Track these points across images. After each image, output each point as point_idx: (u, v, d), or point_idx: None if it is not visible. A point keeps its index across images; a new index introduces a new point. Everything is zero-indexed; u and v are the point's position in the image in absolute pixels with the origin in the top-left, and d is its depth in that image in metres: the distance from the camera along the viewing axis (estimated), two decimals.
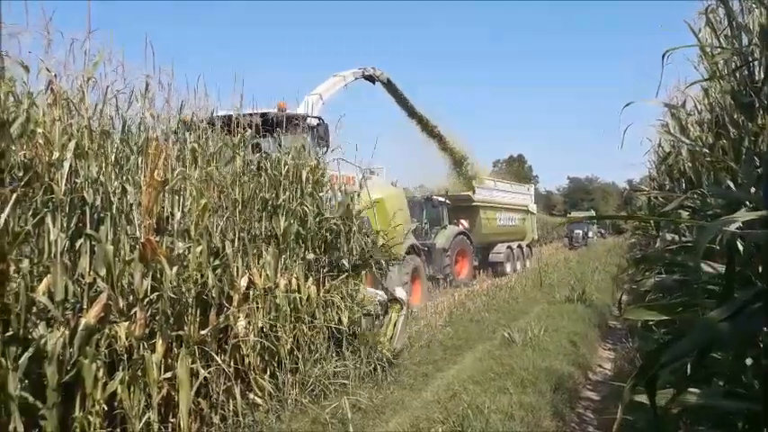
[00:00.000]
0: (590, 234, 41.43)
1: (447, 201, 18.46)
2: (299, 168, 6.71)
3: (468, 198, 19.54)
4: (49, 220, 3.59)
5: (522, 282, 15.65)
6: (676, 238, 4.29)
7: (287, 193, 6.38)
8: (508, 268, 21.03)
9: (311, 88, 11.78)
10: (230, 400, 4.91)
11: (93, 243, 3.85)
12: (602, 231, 50.15)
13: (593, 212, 52.99)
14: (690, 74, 4.57)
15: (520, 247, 22.87)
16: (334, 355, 6.46)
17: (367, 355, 6.54)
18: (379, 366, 6.49)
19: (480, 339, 8.68)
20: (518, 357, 7.03)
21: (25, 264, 3.44)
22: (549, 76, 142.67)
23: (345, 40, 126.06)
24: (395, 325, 7.28)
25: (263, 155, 6.88)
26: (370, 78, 14.42)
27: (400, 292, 7.73)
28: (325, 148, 8.12)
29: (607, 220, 49.63)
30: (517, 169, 74.17)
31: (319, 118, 8.65)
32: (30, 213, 3.71)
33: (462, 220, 18.88)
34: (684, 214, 3.73)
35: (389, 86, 15.86)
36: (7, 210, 3.38)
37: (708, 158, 3.83)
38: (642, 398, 1.92)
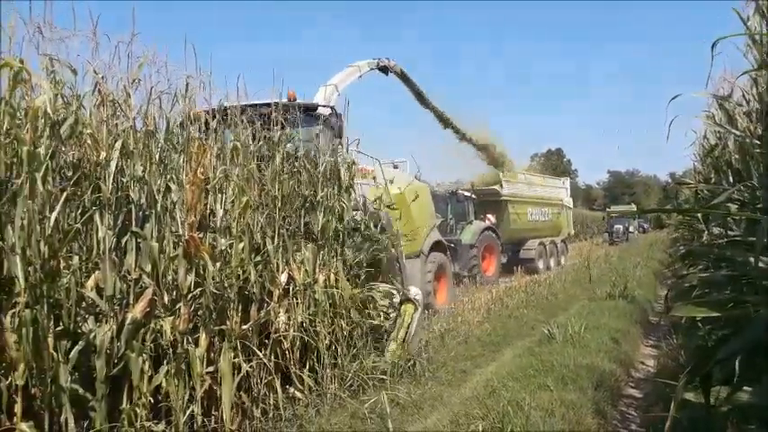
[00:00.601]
0: (631, 229, 40.27)
1: (473, 195, 17.93)
2: (338, 165, 6.75)
3: (494, 192, 18.92)
4: (97, 218, 3.69)
5: (562, 278, 15.43)
6: (723, 232, 4.17)
7: (325, 190, 6.43)
8: (540, 265, 20.19)
9: (325, 79, 11.54)
10: (271, 394, 5.00)
11: (138, 240, 3.95)
12: (644, 226, 49.05)
13: (633, 206, 51.84)
14: (737, 64, 4.43)
15: (554, 243, 21.91)
16: (372, 350, 6.50)
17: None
18: (417, 362, 6.50)
19: (519, 336, 8.61)
20: (558, 354, 6.93)
21: (75, 260, 3.55)
22: (588, 67, 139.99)
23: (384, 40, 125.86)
24: (408, 327, 6.76)
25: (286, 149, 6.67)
26: (384, 69, 14.12)
27: (415, 292, 7.15)
28: (339, 139, 7.86)
29: (648, 214, 48.44)
30: (555, 163, 73.19)
31: (332, 107, 8.34)
32: (78, 212, 3.83)
33: (489, 215, 18.36)
34: (733, 207, 3.62)
35: (404, 78, 15.52)
36: (57, 208, 3.49)
37: (757, 150, 3.71)
38: (690, 395, 1.88)
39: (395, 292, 7.12)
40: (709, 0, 17.72)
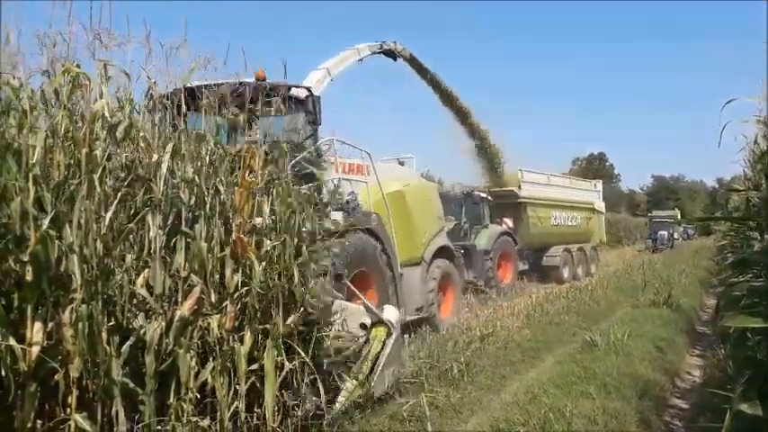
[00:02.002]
0: (675, 235, 38.89)
1: (489, 197, 16.74)
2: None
3: (512, 194, 17.55)
4: (149, 218, 3.81)
5: (604, 284, 15.15)
6: None
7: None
8: (565, 274, 18.63)
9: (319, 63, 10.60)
10: (309, 393, 5.04)
11: (188, 240, 4.06)
12: (689, 232, 47.65)
13: (677, 212, 50.39)
14: None
15: (582, 250, 20.23)
16: (408, 352, 6.52)
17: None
18: (455, 365, 6.49)
19: (560, 342, 8.50)
20: (601, 362, 6.82)
21: (128, 259, 3.67)
22: (631, 71, 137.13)
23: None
24: (376, 358, 5.35)
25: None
26: (391, 54, 12.93)
27: (390, 313, 5.70)
28: (315, 127, 7.14)
29: (697, 221, 46.88)
30: (597, 168, 71.86)
31: (308, 89, 7.40)
32: (131, 212, 3.96)
33: (506, 219, 17.34)
34: None
35: (414, 63, 14.30)
36: (112, 208, 3.63)
37: None
38: (743, 406, 1.84)
39: (363, 311, 5.56)
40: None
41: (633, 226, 48.23)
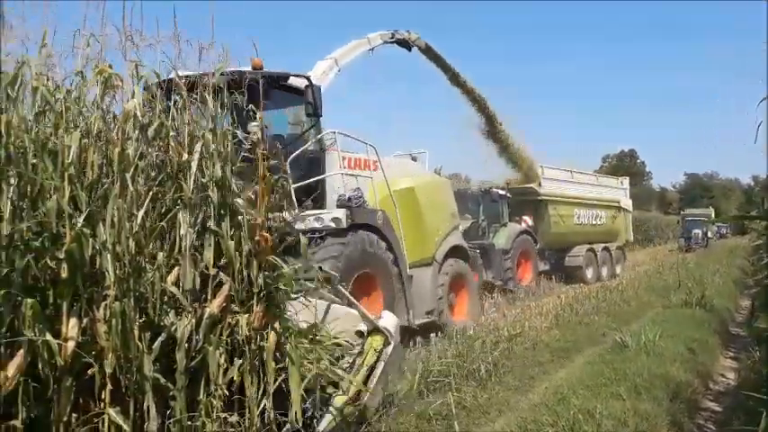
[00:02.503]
0: (709, 234, 37.79)
1: (508, 194, 16.16)
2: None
3: (532, 191, 16.84)
4: (180, 216, 3.87)
5: (635, 284, 14.91)
6: None
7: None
8: (589, 274, 17.96)
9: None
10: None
11: (216, 238, 4.10)
12: (722, 231, 46.56)
13: (711, 210, 49.18)
14: None
15: (607, 249, 19.48)
16: (436, 352, 6.51)
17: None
18: (483, 365, 6.45)
19: (589, 343, 8.41)
20: (631, 362, 6.71)
21: (160, 257, 3.73)
22: (663, 65, 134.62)
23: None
24: (371, 370, 4.79)
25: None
26: (405, 44, 12.16)
27: (388, 319, 5.10)
28: (316, 118, 6.85)
29: (732, 220, 45.72)
30: (628, 165, 70.71)
31: (307, 78, 7.03)
32: (162, 210, 4.02)
33: (526, 217, 16.72)
34: None
35: (430, 53, 13.57)
36: (144, 207, 3.69)
37: None
38: None
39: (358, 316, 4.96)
40: None
41: (665, 224, 47.37)
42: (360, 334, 4.88)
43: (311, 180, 6.88)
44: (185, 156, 4.06)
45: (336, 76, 9.53)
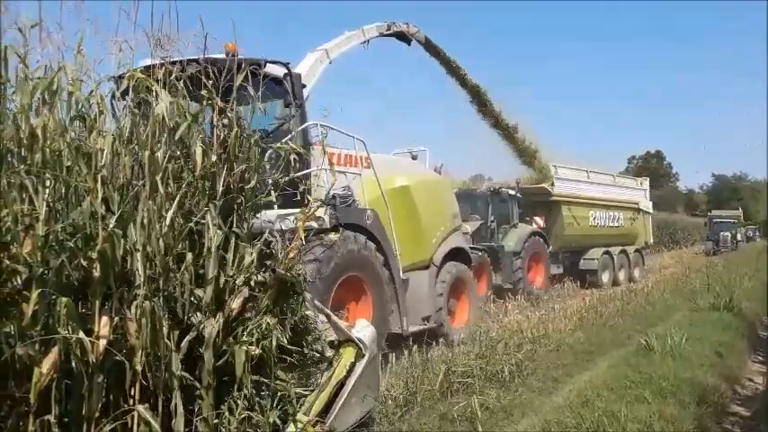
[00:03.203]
0: (738, 237, 36.79)
1: (518, 194, 15.62)
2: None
3: (544, 191, 16.17)
4: (208, 217, 3.94)
5: (660, 287, 14.72)
6: None
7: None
8: (605, 278, 17.28)
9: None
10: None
11: (238, 241, 4.15)
12: (751, 234, 45.62)
13: (739, 211, 48.15)
14: None
15: (624, 252, 18.71)
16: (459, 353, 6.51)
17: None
18: (506, 367, 6.44)
19: (614, 345, 8.34)
20: (657, 366, 6.66)
21: (188, 257, 3.80)
22: (692, 64, 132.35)
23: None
24: (339, 387, 4.17)
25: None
26: (403, 37, 11.47)
27: (363, 329, 4.47)
28: (296, 108, 6.27)
29: (755, 221, 44.78)
30: (654, 166, 69.77)
31: (285, 65, 6.39)
32: (188, 212, 4.09)
33: (537, 218, 16.22)
34: None
35: (430, 47, 13.02)
36: (173, 209, 3.77)
37: None
38: None
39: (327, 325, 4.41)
40: None
41: (691, 227, 46.62)
42: (332, 345, 4.36)
43: (290, 177, 6.08)
44: (213, 158, 4.13)
45: (327, 68, 8.89)
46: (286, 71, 6.34)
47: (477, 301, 9.95)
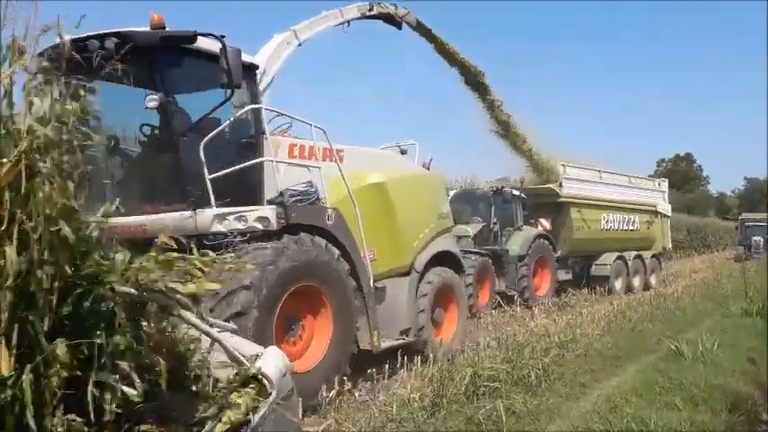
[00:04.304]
0: None
1: (522, 194, 14.79)
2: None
3: (551, 192, 15.19)
4: None
5: (691, 291, 14.46)
6: None
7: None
8: (618, 285, 16.26)
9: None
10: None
11: None
12: None
13: None
14: None
15: (640, 258, 17.58)
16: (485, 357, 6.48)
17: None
18: (533, 372, 6.40)
19: (643, 351, 8.22)
20: (687, 372, 6.57)
21: None
22: (721, 64, 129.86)
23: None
24: None
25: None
26: (390, 20, 10.46)
27: (269, 360, 3.25)
28: (231, 89, 5.46)
29: None
30: (684, 169, 68.56)
31: (220, 39, 5.39)
32: None
33: (542, 220, 15.40)
34: None
35: (422, 30, 11.97)
36: None
37: None
38: None
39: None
40: None
41: (723, 231, 45.65)
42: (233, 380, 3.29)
43: (231, 170, 5.59)
44: None
45: (296, 50, 8.05)
46: (221, 46, 5.37)
47: (465, 311, 8.94)
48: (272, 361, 3.35)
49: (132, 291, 2.53)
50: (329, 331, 5.94)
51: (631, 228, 17.77)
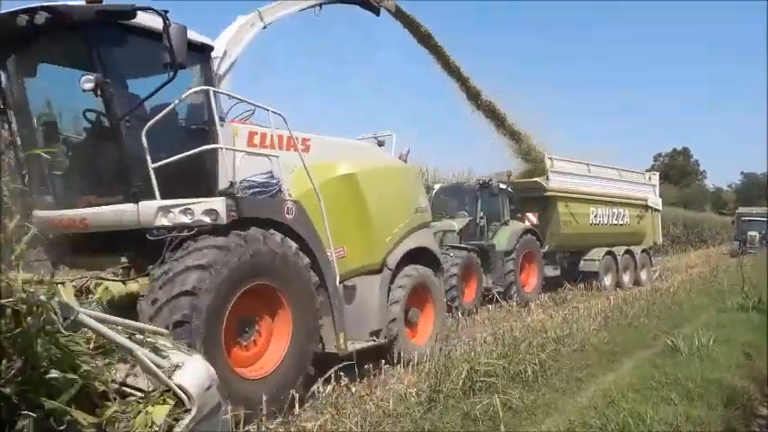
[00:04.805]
0: None
1: (509, 188, 14.44)
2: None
3: (537, 186, 14.81)
4: None
5: (687, 287, 14.50)
6: None
7: None
8: (607, 281, 15.96)
9: None
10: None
11: None
12: None
13: None
14: None
15: (630, 253, 17.31)
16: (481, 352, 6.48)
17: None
18: (529, 367, 6.41)
19: (639, 346, 8.24)
20: (683, 367, 6.57)
21: None
22: (720, 56, 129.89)
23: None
24: None
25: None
26: (367, 4, 9.87)
27: (189, 374, 2.98)
28: (174, 68, 4.89)
29: None
30: (681, 164, 68.64)
31: (162, 14, 4.85)
32: None
33: (529, 215, 14.93)
34: None
35: (402, 18, 11.51)
36: None
37: None
38: None
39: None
40: None
41: (719, 226, 45.77)
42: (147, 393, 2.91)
43: (175, 158, 5.12)
44: None
45: (260, 33, 7.52)
46: (164, 22, 4.85)
47: (444, 311, 8.49)
48: (192, 374, 3.05)
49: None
50: (288, 333, 5.56)
51: (621, 222, 17.52)
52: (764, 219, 33.73)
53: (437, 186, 15.37)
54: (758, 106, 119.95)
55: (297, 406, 5.10)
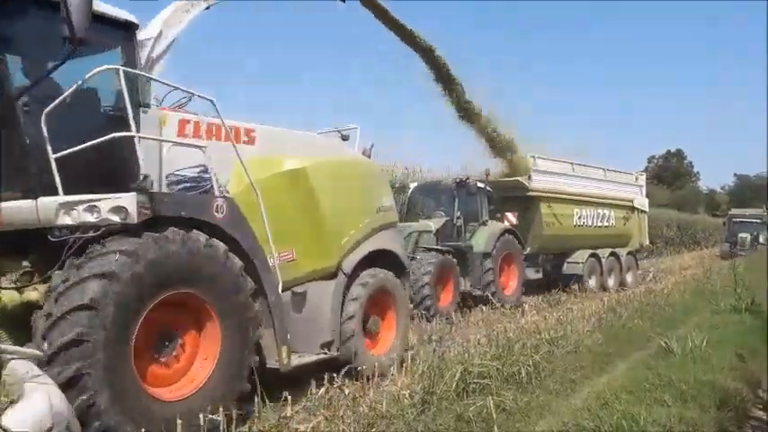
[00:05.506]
0: (761, 239, 34.60)
1: (488, 187, 13.77)
2: None
3: (520, 186, 14.37)
4: None
5: (681, 288, 14.54)
6: None
7: None
8: (591, 283, 15.63)
9: None
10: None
11: None
12: None
13: (764, 210, 46.82)
14: None
15: (615, 255, 16.91)
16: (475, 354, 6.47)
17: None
18: (523, 368, 6.40)
19: (633, 348, 8.25)
20: (677, 369, 6.59)
21: None
22: (713, 56, 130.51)
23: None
24: None
25: None
26: None
27: (28, 411, 2.84)
28: (74, 45, 4.23)
29: None
30: (675, 166, 68.91)
31: None
32: None
33: (509, 214, 14.37)
34: None
35: (369, 4, 10.79)
36: None
37: None
38: None
39: None
40: None
41: (713, 227, 45.97)
42: None
43: (80, 147, 4.46)
44: None
45: (202, 13, 6.67)
46: None
47: (407, 319, 7.79)
48: (27, 412, 2.69)
49: None
50: (217, 346, 4.88)
51: (606, 224, 17.14)
52: (756, 221, 33.71)
53: (413, 185, 14.83)
54: (753, 108, 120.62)
55: (289, 408, 5.08)
